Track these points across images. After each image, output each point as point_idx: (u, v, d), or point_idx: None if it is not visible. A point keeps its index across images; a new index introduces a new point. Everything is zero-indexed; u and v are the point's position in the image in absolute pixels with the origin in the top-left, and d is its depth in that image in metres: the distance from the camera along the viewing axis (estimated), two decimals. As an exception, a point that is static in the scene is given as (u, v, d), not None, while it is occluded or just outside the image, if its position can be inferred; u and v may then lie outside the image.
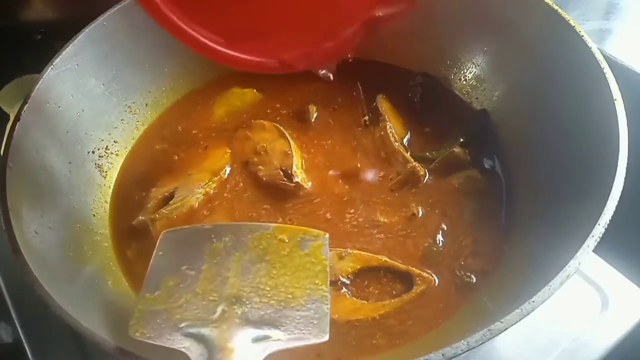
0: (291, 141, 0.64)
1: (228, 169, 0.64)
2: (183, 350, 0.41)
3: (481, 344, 0.39)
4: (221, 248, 0.48)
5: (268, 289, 0.45)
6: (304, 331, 0.42)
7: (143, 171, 0.65)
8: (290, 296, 0.44)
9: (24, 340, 0.58)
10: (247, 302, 0.44)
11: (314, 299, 0.44)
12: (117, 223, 0.61)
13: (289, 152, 0.63)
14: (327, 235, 0.49)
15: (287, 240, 0.48)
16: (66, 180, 0.59)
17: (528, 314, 0.40)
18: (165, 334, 0.42)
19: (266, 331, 0.42)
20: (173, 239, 0.50)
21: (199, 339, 0.41)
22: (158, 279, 0.46)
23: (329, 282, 0.46)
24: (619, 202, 0.45)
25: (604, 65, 0.53)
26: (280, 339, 0.41)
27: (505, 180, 0.61)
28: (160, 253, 0.49)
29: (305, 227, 0.51)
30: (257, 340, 0.41)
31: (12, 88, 0.76)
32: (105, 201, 0.63)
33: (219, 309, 0.43)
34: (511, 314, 0.40)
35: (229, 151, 0.65)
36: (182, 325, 0.42)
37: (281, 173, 0.61)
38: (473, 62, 0.69)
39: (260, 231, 0.49)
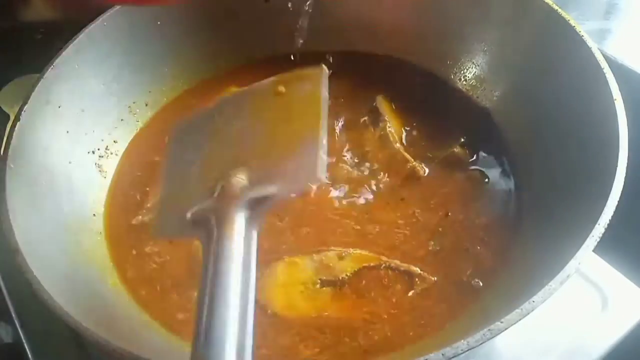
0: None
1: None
2: (197, 237, 0.40)
3: (481, 343, 0.39)
4: (222, 124, 0.45)
5: (265, 149, 0.42)
6: (297, 178, 0.40)
7: (143, 171, 0.65)
8: (286, 150, 0.42)
9: (24, 340, 0.58)
10: (245, 168, 0.41)
11: (307, 143, 0.41)
12: (117, 223, 0.61)
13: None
14: (325, 69, 0.45)
15: (284, 91, 0.45)
16: (66, 180, 0.59)
17: (528, 313, 0.40)
18: (182, 229, 0.41)
19: (263, 191, 0.40)
20: (181, 130, 0.47)
21: (205, 221, 0.40)
22: (172, 176, 0.45)
23: (324, 121, 0.42)
24: (619, 202, 0.45)
25: (604, 65, 0.53)
26: (276, 193, 0.39)
27: (505, 180, 0.61)
28: (170, 150, 0.47)
29: (302, 70, 0.46)
30: (255, 202, 0.39)
31: (12, 88, 0.76)
32: (105, 201, 0.63)
33: (219, 186, 0.41)
34: (511, 313, 0.40)
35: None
36: (190, 213, 0.41)
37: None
38: (473, 62, 0.69)
39: (261, 89, 0.46)
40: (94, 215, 0.61)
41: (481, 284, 0.53)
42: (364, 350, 0.50)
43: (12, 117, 0.57)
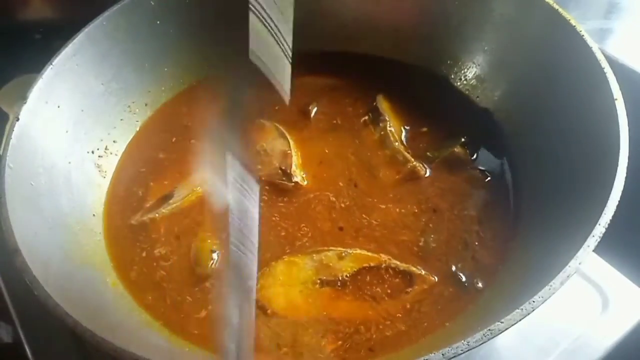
0: (290, 141, 0.64)
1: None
2: None
3: (481, 344, 0.39)
4: None
5: None
6: None
7: (142, 170, 0.65)
8: None
9: (24, 340, 0.58)
10: None
11: None
12: (117, 222, 0.61)
13: (289, 151, 0.63)
14: None
15: None
16: (65, 180, 0.59)
17: (528, 314, 0.40)
18: None
19: None
20: None
21: None
22: None
23: None
24: (619, 202, 0.45)
25: (605, 65, 0.53)
26: None
27: (506, 180, 0.61)
28: None
29: None
30: None
31: (11, 88, 0.75)
32: (105, 201, 0.63)
33: None
34: (511, 314, 0.40)
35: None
36: None
37: (280, 172, 0.61)
38: (473, 62, 0.69)
39: None
40: (94, 215, 0.61)
41: (481, 284, 0.53)
42: (366, 349, 0.51)
43: (11, 117, 0.57)
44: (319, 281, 0.54)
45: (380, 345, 0.51)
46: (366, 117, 0.67)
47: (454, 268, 0.55)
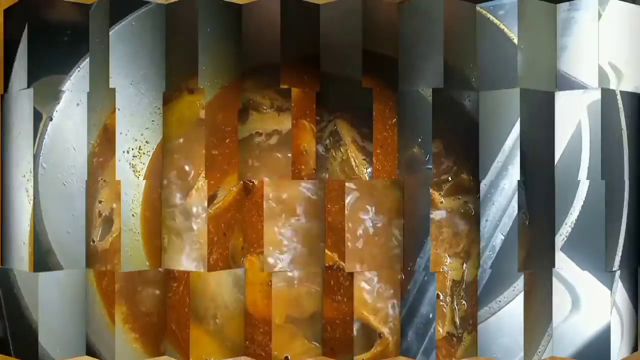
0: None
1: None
2: None
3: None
4: None
5: None
6: None
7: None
8: None
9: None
10: None
11: None
12: (154, 223, 0.60)
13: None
14: None
15: None
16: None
17: (495, 313, 0.41)
18: None
19: None
20: None
21: None
22: None
23: None
24: (589, 212, 0.46)
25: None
26: None
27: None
28: None
29: None
30: None
31: (42, 86, 0.76)
32: (141, 200, 0.62)
33: None
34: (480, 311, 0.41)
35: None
36: None
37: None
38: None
39: None
40: (133, 215, 0.61)
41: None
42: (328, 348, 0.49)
43: (44, 116, 0.58)
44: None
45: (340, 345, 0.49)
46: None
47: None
